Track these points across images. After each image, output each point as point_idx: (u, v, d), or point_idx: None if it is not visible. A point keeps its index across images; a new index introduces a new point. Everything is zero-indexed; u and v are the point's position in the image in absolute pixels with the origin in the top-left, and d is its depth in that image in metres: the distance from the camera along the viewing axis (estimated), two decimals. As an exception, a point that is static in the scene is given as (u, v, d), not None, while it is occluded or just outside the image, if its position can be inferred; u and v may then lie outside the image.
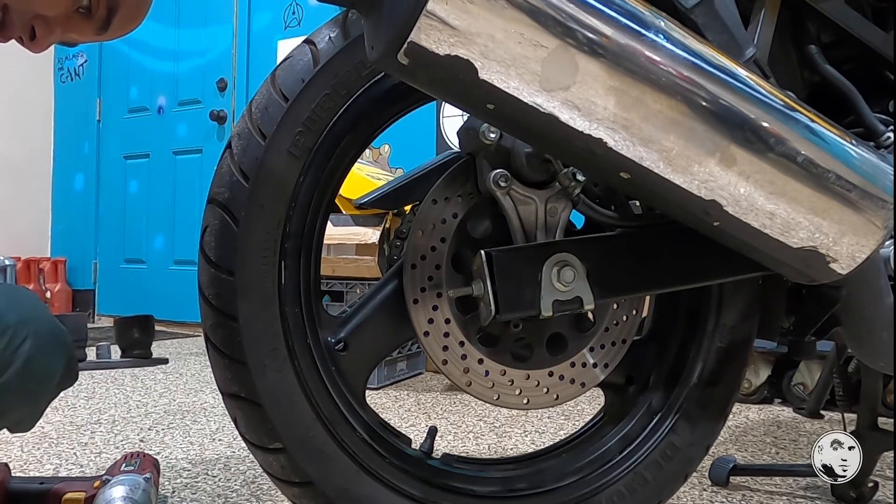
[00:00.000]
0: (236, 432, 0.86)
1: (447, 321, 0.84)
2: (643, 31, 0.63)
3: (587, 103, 0.62)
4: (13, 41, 0.81)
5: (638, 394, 0.98)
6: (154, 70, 4.26)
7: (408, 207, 1.08)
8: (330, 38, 0.83)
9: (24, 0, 0.76)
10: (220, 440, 1.64)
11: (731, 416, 1.04)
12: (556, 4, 0.60)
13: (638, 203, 0.92)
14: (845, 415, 1.38)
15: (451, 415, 1.99)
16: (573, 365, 0.87)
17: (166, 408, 2.00)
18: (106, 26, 0.82)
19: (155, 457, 1.26)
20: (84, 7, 0.79)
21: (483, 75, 0.60)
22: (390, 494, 0.85)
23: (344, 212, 2.35)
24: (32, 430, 1.68)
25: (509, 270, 0.77)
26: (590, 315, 0.88)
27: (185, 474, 1.37)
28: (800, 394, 2.16)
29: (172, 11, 4.14)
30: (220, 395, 0.85)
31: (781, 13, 0.87)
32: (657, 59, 0.63)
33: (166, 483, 1.30)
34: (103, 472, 1.13)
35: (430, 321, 0.83)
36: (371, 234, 2.39)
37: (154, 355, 2.86)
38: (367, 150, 3.03)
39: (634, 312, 0.90)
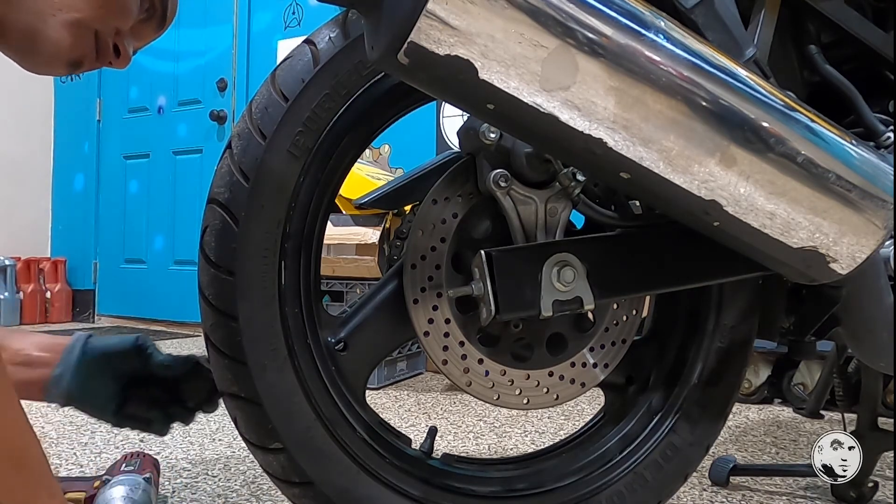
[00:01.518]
0: (236, 432, 0.86)
1: (447, 321, 0.84)
2: (643, 31, 0.63)
3: (587, 103, 0.62)
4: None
5: (638, 394, 0.98)
6: (154, 70, 4.26)
7: (408, 207, 1.07)
8: (330, 38, 0.83)
9: (105, 19, 0.79)
10: (220, 440, 1.64)
11: (731, 416, 1.04)
12: (556, 4, 0.60)
13: (638, 203, 0.92)
14: (845, 415, 1.37)
15: (451, 415, 1.99)
16: (573, 365, 0.87)
17: (166, 408, 2.00)
18: (163, 22, 0.86)
19: (155, 457, 1.26)
20: (146, 10, 0.83)
21: (483, 75, 0.60)
22: (390, 494, 0.85)
23: (344, 212, 2.35)
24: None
25: (509, 270, 0.77)
26: (590, 315, 0.88)
27: (185, 474, 1.37)
28: (800, 394, 2.16)
29: (172, 11, 4.14)
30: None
31: (781, 13, 0.87)
32: (657, 59, 0.63)
33: (166, 483, 1.30)
34: (103, 472, 1.13)
35: (430, 321, 0.83)
36: (371, 234, 2.39)
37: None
38: (367, 150, 3.03)
39: (634, 312, 0.90)
